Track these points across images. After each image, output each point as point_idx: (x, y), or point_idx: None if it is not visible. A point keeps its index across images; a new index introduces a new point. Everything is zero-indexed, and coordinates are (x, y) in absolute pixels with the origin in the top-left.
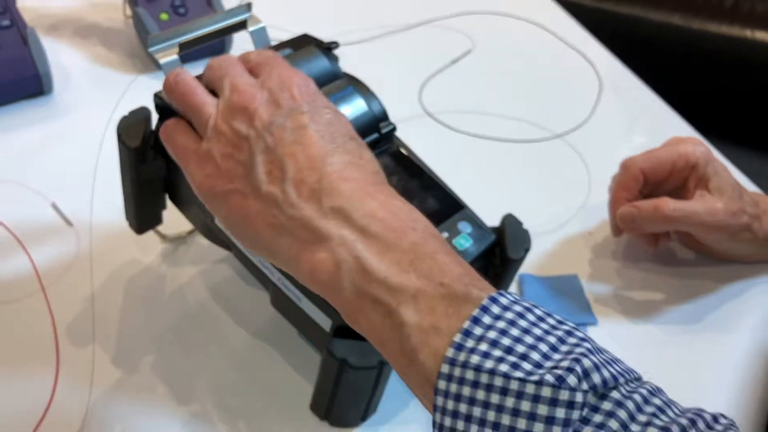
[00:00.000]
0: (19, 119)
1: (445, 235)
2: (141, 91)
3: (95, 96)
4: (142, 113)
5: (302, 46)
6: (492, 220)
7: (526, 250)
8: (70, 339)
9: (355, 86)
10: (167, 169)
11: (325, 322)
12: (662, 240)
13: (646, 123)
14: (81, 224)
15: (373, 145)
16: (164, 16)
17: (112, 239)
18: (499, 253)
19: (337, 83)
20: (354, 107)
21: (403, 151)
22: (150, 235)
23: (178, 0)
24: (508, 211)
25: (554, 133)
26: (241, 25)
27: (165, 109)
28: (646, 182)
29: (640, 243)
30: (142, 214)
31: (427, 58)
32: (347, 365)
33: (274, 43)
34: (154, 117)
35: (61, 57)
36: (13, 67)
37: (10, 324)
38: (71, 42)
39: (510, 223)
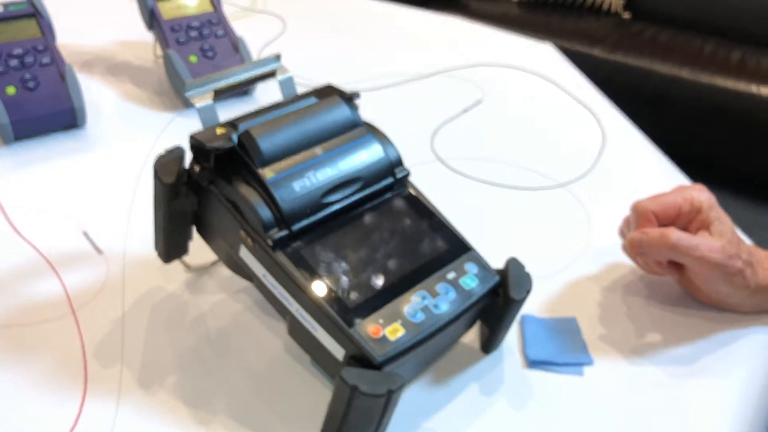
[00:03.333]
0: (53, 150)
1: (453, 275)
2: (178, 129)
3: (126, 131)
4: (177, 152)
5: (326, 95)
6: (496, 262)
7: (528, 291)
8: (97, 360)
9: (374, 134)
10: (198, 204)
11: (338, 352)
12: (661, 271)
13: (646, 176)
14: (110, 252)
15: (388, 189)
16: (193, 59)
17: (139, 267)
18: (503, 294)
19: (357, 131)
20: (372, 153)
21: (414, 194)
22: (175, 264)
23: (206, 44)
24: (512, 254)
25: (558, 182)
26: (270, 74)
27: (199, 150)
28: (658, 224)
29: (645, 271)
30: (171, 245)
31: (440, 106)
32: (358, 392)
33: (300, 90)
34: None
35: (93, 93)
36: (51, 100)
37: (40, 344)
38: (103, 79)
39: (513, 266)
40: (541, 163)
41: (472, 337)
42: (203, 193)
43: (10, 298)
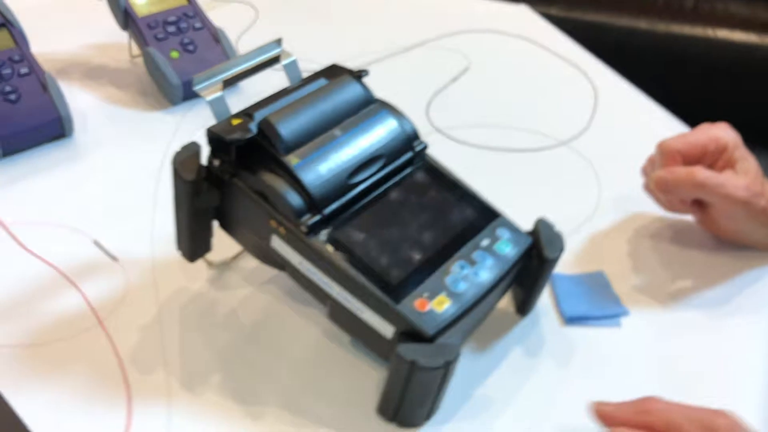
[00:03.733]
0: (43, 162)
1: (487, 241)
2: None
3: (115, 135)
4: (193, 148)
5: (334, 75)
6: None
7: (561, 250)
8: (135, 366)
9: (388, 109)
10: (220, 198)
11: (387, 330)
12: (683, 210)
13: (643, 124)
14: (124, 258)
15: (408, 163)
16: (175, 54)
17: (158, 270)
18: (537, 255)
19: (372, 108)
20: (389, 129)
21: (435, 166)
22: (195, 263)
23: (186, 38)
24: (526, 216)
25: (559, 140)
26: (275, 59)
27: (218, 143)
28: (683, 163)
29: (666, 209)
30: (195, 243)
31: (427, 78)
32: (417, 366)
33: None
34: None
35: (75, 100)
36: (35, 112)
37: (73, 358)
38: (82, 84)
39: (543, 226)
40: (538, 123)
41: (505, 301)
42: (226, 187)
43: (31, 317)
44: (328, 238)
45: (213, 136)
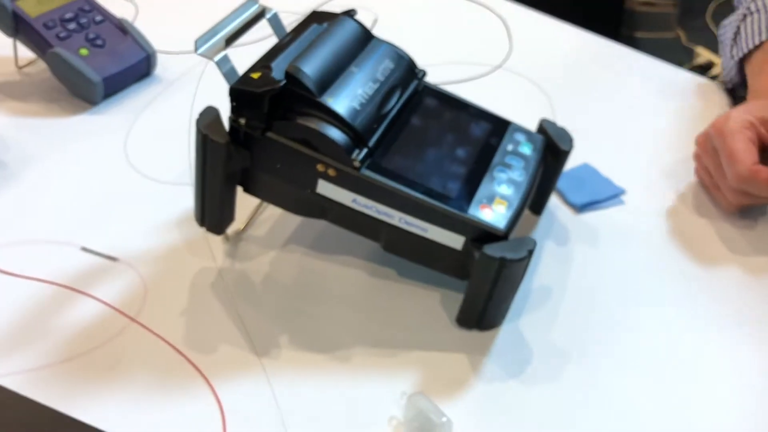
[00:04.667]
0: None
1: (511, 146)
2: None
3: (45, 147)
4: (212, 112)
5: (322, 20)
6: None
7: (571, 141)
8: (195, 350)
9: (388, 43)
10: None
11: (456, 241)
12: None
13: (560, 33)
14: (123, 255)
15: (416, 91)
16: (84, 52)
17: (167, 258)
18: (551, 151)
19: (374, 43)
20: (396, 60)
21: (439, 90)
22: (199, 243)
23: (91, 33)
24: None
25: (493, 65)
26: (260, 15)
27: (248, 98)
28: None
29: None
30: (224, 212)
31: None
32: (506, 261)
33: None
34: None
35: None
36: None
37: (122, 359)
38: None
39: (548, 125)
40: (463, 56)
41: None
42: (256, 145)
43: (52, 335)
44: (378, 168)
45: (239, 93)
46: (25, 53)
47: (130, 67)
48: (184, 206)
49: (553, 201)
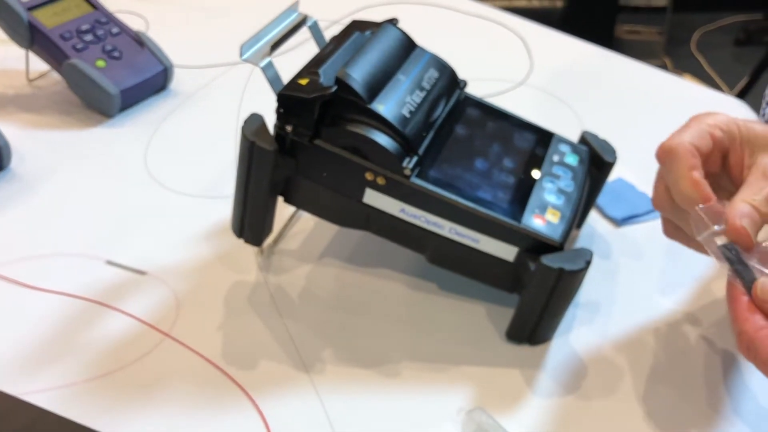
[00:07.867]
0: None
1: (556, 157)
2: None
3: (58, 162)
4: (258, 119)
5: (363, 29)
6: None
7: (614, 153)
8: (233, 366)
9: (431, 53)
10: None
11: (509, 252)
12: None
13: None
14: (151, 269)
15: (459, 100)
16: (101, 63)
17: (198, 271)
18: (594, 162)
19: (418, 52)
20: (440, 69)
21: (480, 101)
22: (231, 256)
23: (108, 45)
24: None
25: (516, 81)
26: (302, 22)
27: (297, 104)
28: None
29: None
30: (265, 222)
31: None
32: (565, 272)
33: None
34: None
35: None
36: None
37: (159, 375)
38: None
39: (590, 137)
40: (487, 73)
41: None
42: (303, 153)
43: (84, 352)
44: (428, 177)
45: (288, 99)
46: (35, 66)
47: (148, 79)
48: (211, 219)
49: (591, 215)
